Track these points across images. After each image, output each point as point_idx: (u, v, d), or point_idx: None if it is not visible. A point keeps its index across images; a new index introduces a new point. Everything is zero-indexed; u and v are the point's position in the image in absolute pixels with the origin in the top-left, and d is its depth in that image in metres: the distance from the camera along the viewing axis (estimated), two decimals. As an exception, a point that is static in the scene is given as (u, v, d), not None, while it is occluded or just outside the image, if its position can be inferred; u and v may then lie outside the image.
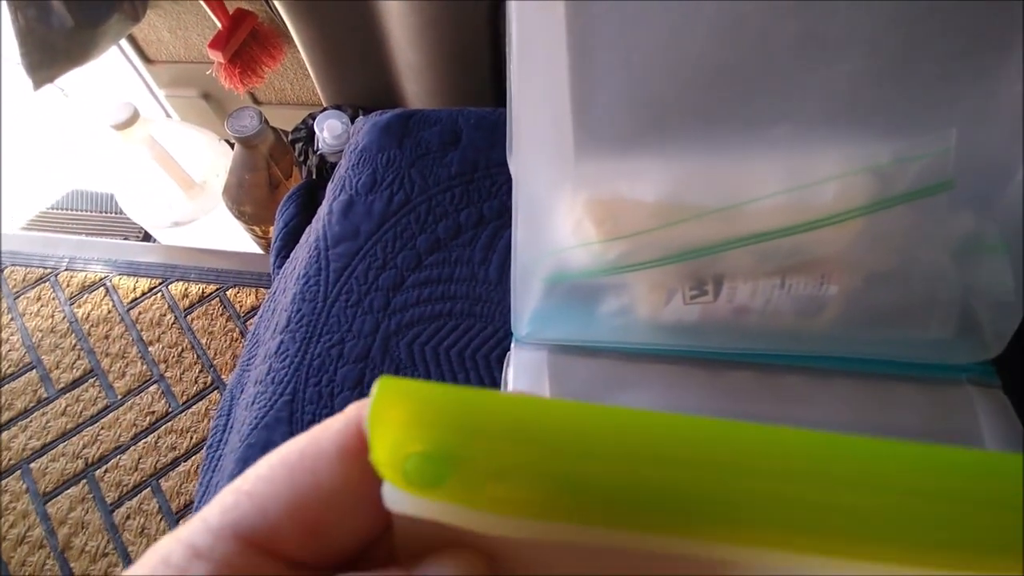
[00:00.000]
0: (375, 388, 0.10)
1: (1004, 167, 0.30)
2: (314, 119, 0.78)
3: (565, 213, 0.34)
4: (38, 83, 0.78)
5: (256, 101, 1.07)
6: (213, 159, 0.97)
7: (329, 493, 0.11)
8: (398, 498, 0.11)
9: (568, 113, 0.30)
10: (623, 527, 0.11)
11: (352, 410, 0.12)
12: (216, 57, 0.87)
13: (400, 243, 0.42)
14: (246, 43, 0.88)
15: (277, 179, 0.88)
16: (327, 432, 0.12)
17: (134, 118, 0.86)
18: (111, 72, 1.05)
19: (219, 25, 0.86)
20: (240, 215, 0.90)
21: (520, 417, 0.10)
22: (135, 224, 1.03)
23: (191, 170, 0.94)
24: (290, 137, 0.83)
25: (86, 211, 1.22)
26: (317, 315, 0.42)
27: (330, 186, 0.46)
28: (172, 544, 0.11)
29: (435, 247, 0.42)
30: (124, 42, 1.01)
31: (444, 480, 0.10)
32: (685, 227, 0.33)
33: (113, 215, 1.18)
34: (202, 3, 0.83)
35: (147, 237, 1.12)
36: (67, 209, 1.23)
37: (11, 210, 1.21)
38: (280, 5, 0.64)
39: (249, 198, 0.88)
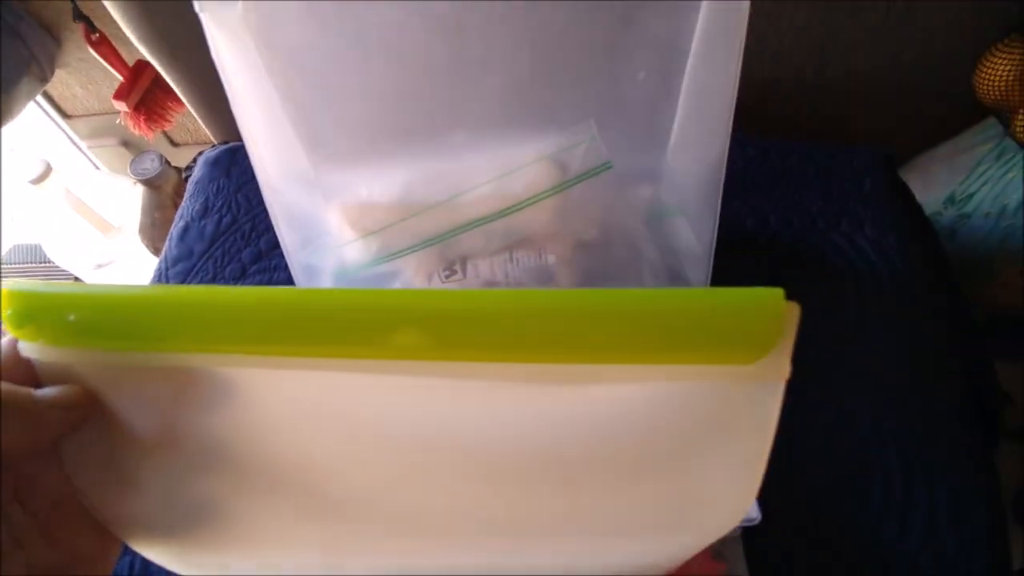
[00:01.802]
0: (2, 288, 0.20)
1: (653, 144, 0.37)
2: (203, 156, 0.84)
3: (327, 217, 0.41)
4: (-44, 148, 0.85)
5: (173, 143, 1.14)
6: (130, 202, 1.03)
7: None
8: (24, 347, 0.20)
9: (295, 139, 0.36)
10: (144, 349, 0.19)
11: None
12: (121, 107, 0.93)
13: (228, 258, 0.49)
14: (150, 90, 0.95)
15: (185, 214, 0.94)
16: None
17: (47, 172, 0.92)
18: (37, 128, 1.12)
19: (120, 78, 0.92)
20: (156, 252, 0.96)
21: (55, 291, 0.20)
22: (66, 271, 1.10)
23: (108, 215, 1.01)
24: (184, 175, 0.89)
25: (28, 263, 1.28)
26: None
27: (175, 215, 0.53)
28: None
29: (258, 258, 0.49)
30: (42, 100, 1.07)
31: (24, 325, 0.20)
32: (417, 220, 0.39)
33: (49, 264, 1.25)
34: (99, 59, 0.90)
35: (78, 281, 1.18)
36: (12, 263, 1.29)
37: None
38: (150, 57, 0.71)
39: (161, 235, 0.94)
